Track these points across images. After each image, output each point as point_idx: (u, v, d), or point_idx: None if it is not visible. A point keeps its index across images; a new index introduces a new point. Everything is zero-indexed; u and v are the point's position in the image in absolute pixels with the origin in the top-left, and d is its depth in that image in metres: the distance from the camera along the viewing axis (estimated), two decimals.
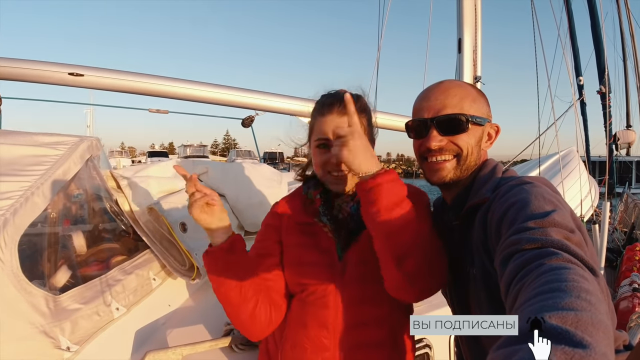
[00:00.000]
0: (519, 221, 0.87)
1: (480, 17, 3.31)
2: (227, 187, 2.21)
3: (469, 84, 1.27)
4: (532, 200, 0.92)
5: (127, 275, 1.60)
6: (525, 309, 0.58)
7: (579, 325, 0.50)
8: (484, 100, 1.24)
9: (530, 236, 0.80)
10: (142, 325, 1.60)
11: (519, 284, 0.70)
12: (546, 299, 0.58)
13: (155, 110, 2.70)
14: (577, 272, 0.65)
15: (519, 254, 0.78)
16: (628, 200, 10.52)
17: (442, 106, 1.17)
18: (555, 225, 0.82)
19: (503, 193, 1.03)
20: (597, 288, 0.62)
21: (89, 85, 2.22)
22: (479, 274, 1.08)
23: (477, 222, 1.09)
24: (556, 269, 0.67)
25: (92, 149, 1.73)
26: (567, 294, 0.58)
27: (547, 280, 0.64)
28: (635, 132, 9.75)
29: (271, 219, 1.43)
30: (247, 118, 2.89)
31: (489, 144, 1.26)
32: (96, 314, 1.44)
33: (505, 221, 0.93)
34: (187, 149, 35.27)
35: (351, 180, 1.30)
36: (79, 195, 1.70)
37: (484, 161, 1.23)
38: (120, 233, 1.78)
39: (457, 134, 1.16)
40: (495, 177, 1.16)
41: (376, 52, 4.73)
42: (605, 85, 7.04)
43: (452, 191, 1.25)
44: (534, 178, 1.08)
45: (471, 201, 1.14)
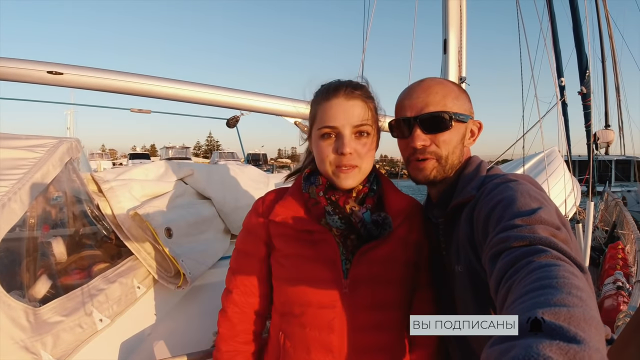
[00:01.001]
0: (506, 219, 0.87)
1: (466, 18, 3.31)
2: (213, 190, 2.16)
3: (451, 82, 1.27)
4: (518, 197, 0.92)
5: (110, 284, 1.53)
6: (517, 306, 0.59)
7: (572, 320, 0.50)
8: (465, 97, 1.24)
9: (518, 234, 0.80)
10: (127, 336, 1.54)
11: (509, 281, 0.70)
12: (538, 295, 0.58)
13: (137, 110, 2.62)
14: (566, 269, 0.66)
15: (507, 252, 0.78)
16: (608, 199, 10.72)
17: (424, 104, 1.17)
18: (542, 222, 0.82)
19: (489, 191, 1.03)
20: (586, 284, 0.63)
21: (69, 84, 2.13)
22: (464, 271, 1.08)
23: (463, 219, 1.09)
24: (546, 266, 0.67)
25: (72, 151, 1.66)
26: (558, 290, 0.58)
27: (537, 277, 0.64)
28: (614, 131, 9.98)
29: (255, 225, 1.26)
30: (232, 118, 2.83)
31: (472, 140, 1.26)
32: (79, 326, 1.38)
33: (492, 219, 0.93)
34: (169, 150, 34.89)
35: (360, 174, 1.17)
36: (58, 198, 1.62)
37: (467, 158, 1.24)
38: (102, 239, 1.71)
39: (441, 131, 1.16)
40: (480, 175, 1.17)
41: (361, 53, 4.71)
42: (586, 86, 7.16)
43: (437, 189, 1.25)
44: (519, 176, 1.09)
45: (457, 199, 1.14)
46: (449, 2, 3.27)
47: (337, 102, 1.14)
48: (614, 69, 15.28)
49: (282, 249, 1.20)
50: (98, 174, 1.79)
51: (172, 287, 1.66)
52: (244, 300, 1.26)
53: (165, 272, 1.69)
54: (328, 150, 1.14)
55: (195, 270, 1.72)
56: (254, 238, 1.25)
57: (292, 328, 1.17)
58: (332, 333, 1.11)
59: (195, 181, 2.13)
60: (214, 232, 2.08)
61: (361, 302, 1.12)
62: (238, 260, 1.29)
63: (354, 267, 1.13)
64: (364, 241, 1.15)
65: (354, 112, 1.14)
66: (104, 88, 2.21)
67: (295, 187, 1.27)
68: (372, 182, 1.23)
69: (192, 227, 1.89)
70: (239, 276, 1.27)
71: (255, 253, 1.25)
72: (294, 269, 1.16)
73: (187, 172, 2.12)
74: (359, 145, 1.15)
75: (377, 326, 1.14)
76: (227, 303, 1.27)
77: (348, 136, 1.13)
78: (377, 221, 1.14)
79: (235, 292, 1.26)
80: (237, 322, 1.26)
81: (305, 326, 1.14)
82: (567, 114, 7.11)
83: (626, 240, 6.87)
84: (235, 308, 1.26)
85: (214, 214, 2.15)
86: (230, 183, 2.26)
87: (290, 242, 1.18)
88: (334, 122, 1.13)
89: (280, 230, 1.20)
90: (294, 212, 1.20)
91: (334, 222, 1.15)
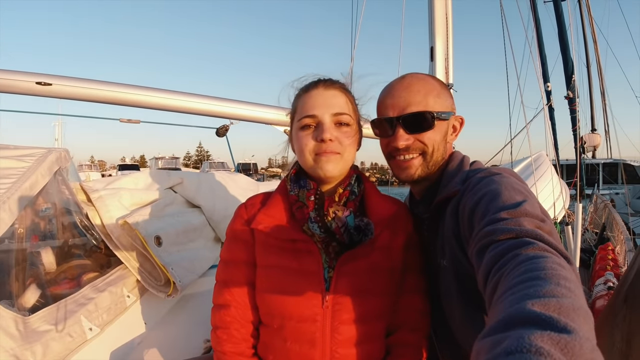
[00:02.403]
0: (492, 212, 0.88)
1: (452, 26, 3.36)
2: (203, 198, 2.16)
3: (431, 77, 1.25)
4: (502, 191, 0.93)
5: (100, 293, 1.53)
6: (506, 298, 0.59)
7: (562, 311, 0.51)
8: (447, 93, 1.24)
9: (504, 227, 0.81)
10: (117, 345, 1.53)
11: (497, 274, 0.71)
12: (527, 287, 0.59)
13: (126, 120, 2.62)
14: (553, 260, 0.66)
15: (494, 245, 0.79)
16: (597, 201, 10.81)
17: (406, 104, 1.16)
18: (527, 215, 0.84)
19: (473, 185, 1.04)
20: (573, 275, 0.64)
21: (58, 95, 2.13)
22: (449, 264, 1.09)
23: (448, 214, 1.09)
24: (533, 258, 0.68)
25: (61, 160, 1.66)
26: (546, 281, 0.59)
27: (525, 269, 0.65)
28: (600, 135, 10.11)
29: (240, 231, 1.20)
30: (222, 127, 2.85)
31: (454, 136, 1.26)
32: (68, 335, 1.37)
33: (477, 212, 0.93)
34: (158, 161, 34.61)
35: (342, 162, 1.14)
36: (47, 209, 1.63)
37: (450, 154, 1.24)
38: (92, 248, 1.71)
39: (424, 131, 1.16)
40: (463, 169, 1.18)
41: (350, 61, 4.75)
42: (572, 91, 7.25)
43: (421, 185, 1.25)
44: (501, 169, 1.09)
45: (441, 194, 1.14)
46: (435, 10, 3.32)
47: (316, 92, 1.15)
48: (599, 74, 15.54)
49: (263, 260, 1.15)
50: (87, 183, 1.79)
51: (162, 295, 1.66)
52: (242, 314, 1.17)
53: (155, 280, 1.69)
54: (307, 139, 1.12)
55: (185, 279, 1.72)
56: (241, 245, 1.19)
57: (274, 341, 1.13)
58: (313, 347, 1.07)
59: (184, 189, 2.13)
60: (204, 241, 2.09)
61: (344, 316, 1.08)
62: (228, 271, 1.20)
63: (336, 280, 1.09)
64: (346, 247, 1.12)
65: (332, 101, 1.14)
66: (93, 98, 2.21)
67: (279, 190, 1.22)
68: (354, 185, 1.20)
69: (182, 235, 1.89)
70: (233, 288, 1.18)
71: (245, 260, 1.18)
72: (274, 281, 1.12)
73: (176, 180, 2.13)
74: (340, 133, 1.13)
75: (360, 339, 1.09)
76: (228, 319, 1.16)
77: (328, 123, 1.12)
78: (360, 227, 1.11)
79: (233, 306, 1.16)
80: (241, 340, 1.17)
81: (287, 340, 1.09)
82: (554, 118, 7.19)
83: (616, 241, 6.93)
84: (236, 324, 1.16)
85: (204, 222, 2.15)
86: (220, 191, 2.26)
87: (271, 253, 1.14)
88: (314, 110, 1.12)
89: (262, 239, 1.16)
90: (277, 219, 1.16)
91: (314, 229, 1.12)
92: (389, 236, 1.17)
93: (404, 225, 1.22)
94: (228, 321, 1.16)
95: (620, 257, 5.82)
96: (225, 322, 1.16)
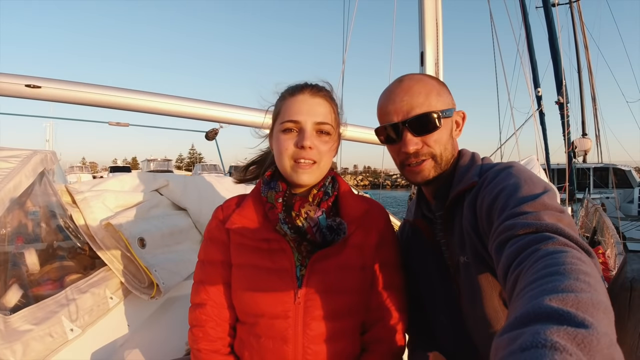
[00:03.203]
0: (511, 206, 0.88)
1: (442, 31, 3.40)
2: (189, 201, 2.17)
3: (428, 76, 1.24)
4: (522, 184, 0.93)
5: (82, 294, 1.54)
6: (525, 294, 0.59)
7: (580, 306, 0.51)
8: (446, 90, 1.23)
9: (523, 221, 0.81)
10: (98, 346, 1.54)
11: (517, 269, 0.71)
12: (545, 282, 0.59)
13: (115, 123, 2.62)
14: (573, 255, 0.66)
15: (514, 240, 0.79)
16: (588, 206, 10.90)
17: (410, 107, 1.14)
18: (546, 207, 0.83)
19: (491, 178, 1.03)
20: (594, 269, 0.63)
21: (47, 98, 2.14)
22: (471, 260, 1.08)
23: (466, 207, 1.09)
24: (553, 253, 0.68)
25: (46, 162, 1.67)
26: (565, 276, 0.59)
27: (545, 265, 0.64)
28: (591, 140, 10.19)
29: (216, 232, 1.23)
30: (211, 131, 2.85)
31: (458, 132, 1.25)
32: (49, 335, 1.38)
33: (496, 206, 0.93)
34: (150, 163, 34.17)
35: (317, 171, 1.17)
36: (35, 212, 1.64)
37: (459, 152, 1.24)
38: (76, 250, 1.72)
39: (431, 132, 1.15)
40: (476, 164, 1.17)
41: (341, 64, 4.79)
42: (563, 96, 7.33)
43: (434, 185, 1.23)
44: (514, 163, 1.09)
45: (458, 187, 1.13)
46: (425, 15, 3.35)
47: (302, 98, 1.17)
48: (590, 79, 15.71)
49: (237, 259, 1.18)
50: (72, 185, 1.80)
51: (146, 297, 1.66)
52: (218, 313, 1.20)
53: (138, 282, 1.69)
54: (288, 144, 1.14)
55: (169, 281, 1.72)
56: (218, 246, 1.22)
57: (249, 337, 1.16)
58: (286, 343, 1.10)
59: (170, 192, 2.13)
60: (190, 243, 2.08)
61: (315, 312, 1.10)
62: (205, 271, 1.23)
63: (308, 277, 1.12)
64: (318, 247, 1.14)
65: (317, 110, 1.16)
66: (82, 101, 2.22)
67: (253, 192, 1.25)
68: (327, 186, 1.22)
69: (167, 237, 1.90)
70: (209, 288, 1.21)
71: (221, 260, 1.21)
72: (249, 279, 1.15)
73: (162, 183, 2.13)
74: (320, 142, 1.16)
75: (332, 335, 1.12)
76: (204, 317, 1.19)
77: (309, 131, 1.14)
78: (332, 226, 1.14)
79: (209, 305, 1.20)
80: (216, 338, 1.20)
81: (260, 336, 1.12)
82: (544, 123, 7.27)
83: (606, 245, 6.99)
84: (212, 323, 1.19)
85: (190, 225, 2.15)
86: (207, 194, 2.27)
87: (245, 252, 1.17)
88: (297, 116, 1.14)
89: (236, 239, 1.19)
90: (251, 219, 1.19)
91: (285, 229, 1.14)
92: (361, 235, 1.20)
93: (376, 223, 1.25)
94: (204, 319, 1.19)
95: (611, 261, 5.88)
96: (201, 320, 1.19)
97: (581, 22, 15.01)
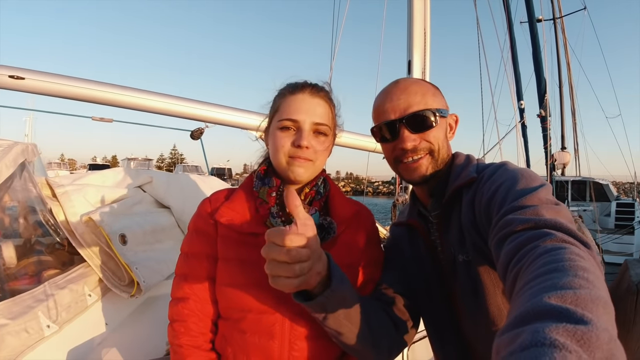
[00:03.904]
0: (510, 200, 0.89)
1: (429, 41, 3.44)
2: (173, 199, 2.14)
3: (423, 80, 1.27)
4: (519, 178, 0.95)
5: (60, 290, 1.50)
6: (525, 292, 0.59)
7: (579, 302, 0.51)
8: (440, 93, 1.25)
9: (522, 217, 0.82)
10: (75, 344, 1.50)
11: (516, 267, 0.71)
12: (544, 280, 0.59)
13: (99, 118, 2.57)
14: (573, 251, 0.66)
15: (513, 236, 0.80)
16: None
17: (407, 105, 1.16)
18: (544, 202, 0.85)
19: (489, 174, 1.05)
20: (594, 264, 0.64)
21: (31, 90, 2.10)
22: (472, 257, 1.08)
23: (465, 205, 1.10)
24: (552, 250, 0.68)
25: (27, 153, 1.64)
26: (564, 273, 0.59)
27: (544, 262, 0.64)
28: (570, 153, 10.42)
29: (203, 224, 1.20)
30: (197, 130, 2.81)
31: (451, 134, 1.27)
32: (25, 331, 1.34)
33: (494, 201, 0.94)
34: (130, 162, 33.79)
35: (312, 169, 1.17)
36: (13, 207, 1.60)
37: (453, 154, 1.26)
38: (55, 245, 1.68)
39: (428, 129, 1.16)
40: (472, 163, 1.19)
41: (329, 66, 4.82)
42: (545, 109, 7.49)
43: (430, 184, 1.23)
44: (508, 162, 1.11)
45: (455, 184, 1.14)
46: (413, 25, 3.39)
47: (302, 97, 1.16)
48: (570, 94, 16.11)
49: (224, 253, 1.15)
50: (53, 178, 1.76)
51: (125, 295, 1.63)
52: (201, 308, 1.17)
53: (118, 280, 1.66)
54: (285, 141, 1.14)
55: (150, 279, 1.69)
56: (204, 239, 1.19)
57: (233, 333, 1.13)
58: (272, 339, 1.08)
59: (154, 189, 2.10)
60: (172, 242, 2.05)
61: (303, 308, 1.06)
62: (189, 264, 1.20)
63: None
64: None
65: (316, 110, 1.16)
66: (66, 95, 2.18)
67: (244, 186, 1.24)
68: (320, 186, 1.23)
69: (149, 235, 1.86)
70: (193, 281, 1.17)
71: (208, 254, 1.18)
72: (235, 274, 1.12)
73: (145, 179, 2.10)
74: (317, 142, 1.16)
75: (319, 332, 1.09)
76: (186, 312, 1.16)
77: (307, 131, 1.14)
78: (323, 225, 1.15)
79: (192, 300, 1.16)
80: (198, 334, 1.16)
81: (246, 332, 1.10)
82: (526, 135, 7.41)
83: None
84: (194, 317, 1.16)
85: (173, 223, 2.12)
86: (191, 192, 2.24)
87: (232, 246, 1.15)
88: (296, 115, 1.14)
89: (224, 232, 1.17)
90: (240, 213, 1.17)
91: (276, 224, 1.13)
92: (350, 234, 1.21)
93: (364, 224, 1.27)
94: (186, 314, 1.16)
95: None
96: (183, 315, 1.16)
97: (564, 38, 15.40)
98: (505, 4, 7.20)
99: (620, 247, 13.13)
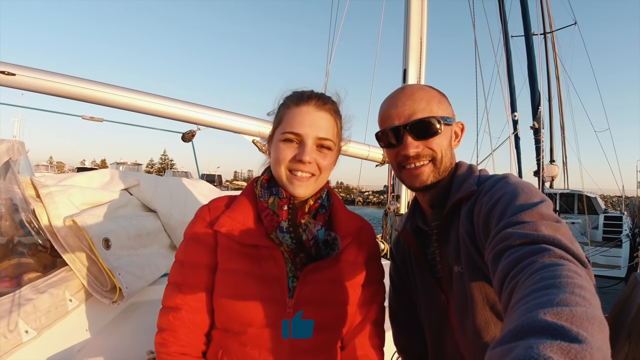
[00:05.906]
0: (509, 214, 0.89)
1: (425, 50, 3.45)
2: (160, 203, 2.08)
3: (430, 87, 1.27)
4: (519, 192, 0.94)
5: (40, 295, 1.45)
6: (520, 307, 0.59)
7: (574, 320, 0.50)
8: (446, 101, 1.25)
9: (520, 231, 0.81)
10: (54, 351, 1.45)
11: (513, 281, 0.70)
12: (540, 296, 0.58)
13: (89, 117, 2.54)
14: (569, 267, 0.66)
15: (510, 250, 0.79)
16: None
17: (412, 111, 1.17)
18: (544, 218, 0.84)
19: (489, 187, 1.05)
20: (590, 282, 0.63)
21: (21, 86, 2.06)
22: (466, 269, 1.08)
23: (463, 215, 1.10)
24: (549, 265, 0.67)
25: (13, 151, 1.59)
26: (560, 290, 0.58)
27: (540, 278, 0.64)
28: (558, 166, 10.53)
29: (202, 233, 1.17)
30: (188, 132, 2.79)
31: (457, 142, 1.27)
32: (2, 336, 1.30)
33: (493, 214, 0.94)
34: (119, 166, 33.56)
35: (314, 184, 1.17)
36: None
37: (456, 163, 1.26)
38: (36, 247, 1.62)
39: (432, 137, 1.17)
40: (474, 174, 1.19)
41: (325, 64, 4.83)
42: (538, 121, 7.57)
43: (431, 193, 1.24)
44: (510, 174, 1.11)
45: (457, 195, 1.14)
46: (410, 34, 3.40)
47: (307, 109, 1.15)
48: (560, 108, 16.37)
49: (224, 264, 1.13)
50: (38, 178, 1.71)
51: (107, 301, 1.58)
52: (193, 318, 1.14)
53: (100, 285, 1.61)
54: (286, 153, 1.13)
55: (133, 285, 1.64)
56: (202, 247, 1.16)
57: (232, 345, 1.11)
58: (273, 354, 1.08)
59: (141, 192, 2.05)
60: (158, 247, 2.00)
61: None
62: (184, 273, 1.16)
63: (299, 287, 1.11)
64: (312, 259, 1.14)
65: (320, 124, 1.15)
66: (57, 92, 2.15)
67: (246, 194, 1.22)
68: (324, 199, 1.22)
69: (134, 239, 1.82)
70: (187, 291, 1.14)
71: (205, 264, 1.15)
72: (236, 286, 1.10)
73: (133, 182, 2.04)
74: (319, 156, 1.15)
75: (320, 347, 1.13)
76: (177, 322, 1.13)
77: (310, 146, 1.13)
78: (327, 241, 1.14)
79: (185, 310, 1.13)
80: (188, 344, 1.14)
81: (246, 345, 1.09)
82: (519, 147, 7.48)
83: None
84: (185, 329, 1.13)
85: (159, 227, 2.07)
86: (179, 196, 2.20)
87: (233, 258, 1.12)
88: (300, 129, 1.13)
89: (224, 242, 1.14)
90: (242, 223, 1.15)
91: (284, 239, 1.12)
92: (353, 251, 1.22)
93: (367, 240, 1.28)
94: (177, 325, 1.13)
95: None
96: (174, 325, 1.13)
97: (554, 52, 15.63)
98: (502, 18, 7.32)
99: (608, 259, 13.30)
